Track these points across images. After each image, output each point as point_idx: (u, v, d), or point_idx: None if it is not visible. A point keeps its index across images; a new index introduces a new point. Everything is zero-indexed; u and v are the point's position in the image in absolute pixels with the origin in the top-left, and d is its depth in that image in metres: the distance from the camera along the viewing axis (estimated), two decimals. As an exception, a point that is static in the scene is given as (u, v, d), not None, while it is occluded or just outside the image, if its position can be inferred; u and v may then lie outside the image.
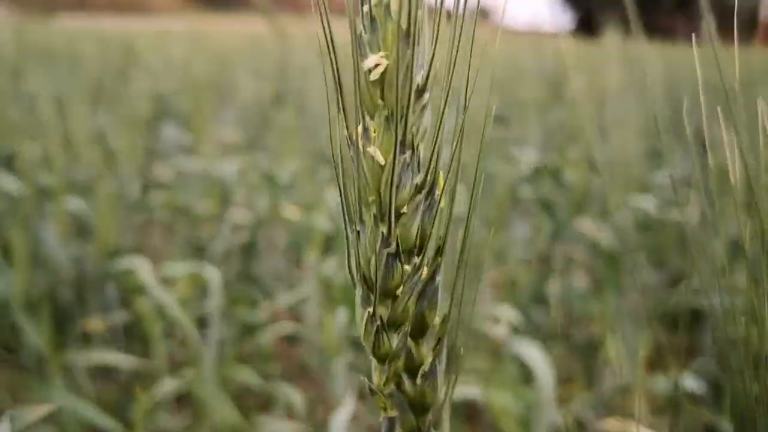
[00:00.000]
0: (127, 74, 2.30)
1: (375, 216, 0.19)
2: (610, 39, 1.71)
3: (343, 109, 0.18)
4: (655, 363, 1.13)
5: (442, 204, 0.19)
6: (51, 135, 1.41)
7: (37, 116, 1.60)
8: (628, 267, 1.17)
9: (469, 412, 1.04)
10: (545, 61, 2.56)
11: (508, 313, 0.99)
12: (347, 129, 0.18)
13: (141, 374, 1.03)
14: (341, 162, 0.18)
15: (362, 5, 0.18)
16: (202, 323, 1.10)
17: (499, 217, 1.23)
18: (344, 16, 0.18)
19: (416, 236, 0.19)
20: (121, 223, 1.35)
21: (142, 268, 0.95)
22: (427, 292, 0.20)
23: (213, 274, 0.97)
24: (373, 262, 0.19)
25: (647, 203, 1.27)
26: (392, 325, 0.19)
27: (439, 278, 0.20)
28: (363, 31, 0.18)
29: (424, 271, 0.20)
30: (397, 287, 0.19)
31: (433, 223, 0.19)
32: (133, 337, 1.15)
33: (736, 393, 0.23)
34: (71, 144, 1.46)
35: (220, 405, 0.83)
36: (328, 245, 1.20)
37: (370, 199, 0.19)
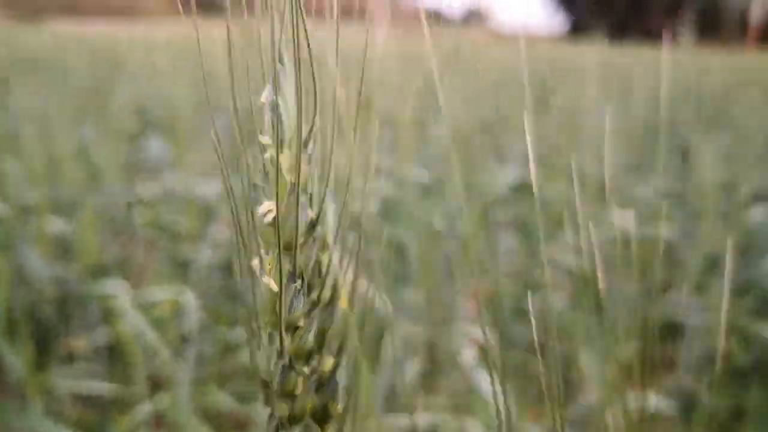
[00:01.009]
0: (112, 86, 2.31)
1: (270, 333, 0.20)
2: (600, 43, 1.72)
3: (243, 243, 0.20)
4: (633, 377, 1.14)
5: (344, 309, 0.21)
6: (34, 150, 1.42)
7: (20, 130, 1.60)
8: (606, 283, 1.17)
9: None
10: (533, 66, 2.56)
11: (480, 335, 0.99)
12: (246, 260, 0.21)
13: (121, 396, 1.04)
14: (249, 284, 0.21)
15: (262, 153, 0.20)
16: (185, 340, 1.11)
17: (476, 233, 1.24)
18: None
19: (314, 341, 0.21)
20: (104, 241, 1.36)
21: (119, 293, 0.95)
22: (328, 387, 0.21)
23: (190, 300, 0.98)
24: (271, 369, 0.20)
25: (626, 220, 1.27)
26: (293, 420, 0.21)
27: (341, 371, 0.21)
28: (258, 181, 0.21)
29: (326, 368, 0.21)
30: (295, 389, 0.20)
31: (332, 327, 0.21)
32: (115, 356, 1.16)
33: (711, 407, 0.24)
34: (54, 160, 1.47)
35: (196, 429, 0.84)
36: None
37: (265, 319, 0.20)
